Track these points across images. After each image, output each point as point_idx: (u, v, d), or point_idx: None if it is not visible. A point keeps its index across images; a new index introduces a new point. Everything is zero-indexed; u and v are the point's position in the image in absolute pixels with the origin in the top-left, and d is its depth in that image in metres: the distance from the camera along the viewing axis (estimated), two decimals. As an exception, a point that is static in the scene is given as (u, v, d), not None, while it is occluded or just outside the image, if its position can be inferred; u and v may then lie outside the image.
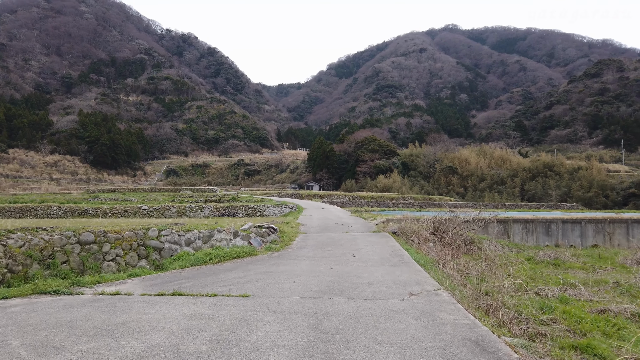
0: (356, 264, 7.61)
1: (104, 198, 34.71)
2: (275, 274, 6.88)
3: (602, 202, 51.27)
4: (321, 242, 10.40)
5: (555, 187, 57.67)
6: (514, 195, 60.40)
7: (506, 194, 60.93)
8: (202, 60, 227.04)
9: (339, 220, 17.43)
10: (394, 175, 72.02)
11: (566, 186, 57.42)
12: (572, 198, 54.00)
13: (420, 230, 11.14)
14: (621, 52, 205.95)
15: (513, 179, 65.46)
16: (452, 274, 6.88)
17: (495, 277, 7.05)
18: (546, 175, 62.86)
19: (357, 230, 13.23)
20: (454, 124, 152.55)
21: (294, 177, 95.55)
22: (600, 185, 54.17)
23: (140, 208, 25.44)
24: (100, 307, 4.92)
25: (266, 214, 24.34)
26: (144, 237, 8.34)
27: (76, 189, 61.69)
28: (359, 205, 33.77)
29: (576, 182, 56.55)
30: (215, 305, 4.93)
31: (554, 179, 60.63)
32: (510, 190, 62.15)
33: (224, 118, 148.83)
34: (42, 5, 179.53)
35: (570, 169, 61.96)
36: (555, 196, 55.90)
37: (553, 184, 58.65)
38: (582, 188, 54.73)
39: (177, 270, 7.37)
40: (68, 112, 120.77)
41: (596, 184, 54.41)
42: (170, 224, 9.66)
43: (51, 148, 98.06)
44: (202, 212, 25.27)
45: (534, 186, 61.49)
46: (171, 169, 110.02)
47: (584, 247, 16.70)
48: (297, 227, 13.64)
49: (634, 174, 67.67)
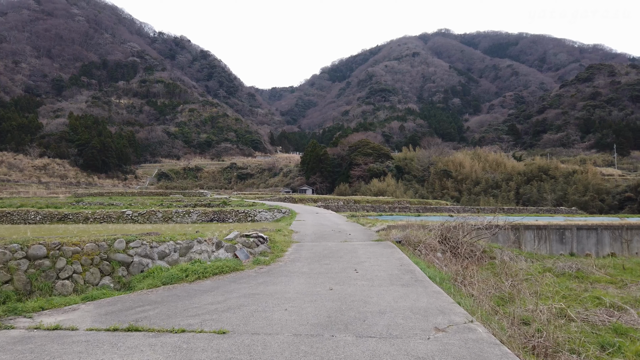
0: (360, 282, 6.37)
1: (89, 202, 33.14)
2: (263, 297, 5.63)
3: (598, 206, 50.60)
4: (317, 254, 9.16)
5: (551, 191, 56.94)
6: (509, 199, 59.59)
7: (501, 198, 60.14)
8: (195, 63, 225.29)
9: (335, 226, 16.20)
10: (388, 179, 71.02)
11: (562, 190, 56.71)
12: (567, 202, 53.28)
13: (427, 238, 9.95)
14: (612, 57, 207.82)
15: (508, 182, 64.71)
16: (477, 295, 5.69)
17: (526, 298, 5.87)
18: (541, 179, 62.18)
19: (357, 238, 12.00)
20: (447, 127, 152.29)
21: (287, 181, 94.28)
22: (596, 189, 53.52)
23: (124, 213, 24.06)
24: (23, 354, 3.65)
25: (257, 219, 23.05)
26: (109, 249, 7.04)
27: (65, 192, 60.07)
28: (355, 210, 32.60)
29: (572, 186, 55.87)
30: (179, 350, 3.68)
31: (549, 182, 59.94)
32: (506, 194, 61.37)
33: (216, 121, 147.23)
34: (32, 8, 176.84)
35: (565, 172, 61.34)
36: (551, 200, 55.18)
37: (548, 188, 57.93)
38: (578, 192, 54.04)
39: (145, 292, 6.09)
40: (58, 115, 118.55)
41: (592, 188, 53.75)
42: (141, 233, 8.35)
43: (40, 151, 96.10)
44: (190, 217, 23.95)
45: (529, 190, 60.76)
46: (163, 173, 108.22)
47: (600, 255, 15.65)
48: (289, 235, 12.37)
49: (628, 178, 67.35)
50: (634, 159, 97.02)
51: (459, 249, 10.31)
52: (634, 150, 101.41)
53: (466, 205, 54.08)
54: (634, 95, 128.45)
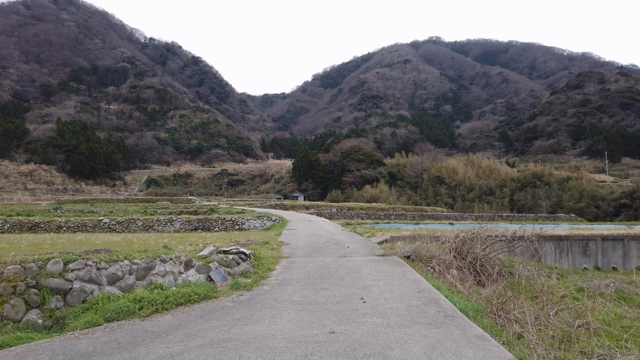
0: (371, 319, 4.78)
1: (68, 209, 31.17)
2: (238, 345, 4.00)
3: (593, 213, 49.67)
4: (312, 274, 7.53)
5: (546, 198, 56.01)
6: (504, 206, 58.58)
7: (496, 205, 59.14)
8: (186, 69, 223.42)
9: (331, 236, 14.67)
10: (380, 185, 69.81)
11: (556, 197, 55.79)
12: (562, 208, 52.30)
13: (440, 253, 8.43)
14: (600, 64, 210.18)
15: (502, 189, 63.81)
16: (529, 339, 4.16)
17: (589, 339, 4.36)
18: (535, 185, 61.35)
19: (357, 252, 10.34)
20: (438, 134, 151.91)
21: (278, 187, 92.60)
22: (591, 196, 52.64)
23: (100, 221, 22.18)
24: None
25: (245, 228, 21.40)
26: (39, 273, 5.36)
27: (50, 199, 58.06)
28: (349, 217, 31.09)
29: (566, 193, 54.96)
30: None
31: (543, 189, 59.08)
32: (500, 201, 60.39)
33: (207, 127, 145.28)
34: (22, 13, 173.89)
35: (560, 179, 60.53)
36: (546, 207, 54.23)
37: (543, 194, 57.03)
38: (573, 198, 53.10)
39: (77, 334, 4.44)
40: (46, 121, 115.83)
41: (587, 195, 52.87)
42: (86, 251, 6.66)
43: (27, 157, 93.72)
44: (172, 226, 22.22)
45: (523, 196, 59.85)
46: (152, 179, 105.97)
47: (627, 269, 14.25)
48: (278, 249, 10.75)
49: (622, 184, 66.78)
50: (624, 166, 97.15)
51: (476, 264, 8.80)
52: (624, 157, 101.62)
53: (461, 212, 52.90)
54: (624, 103, 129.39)
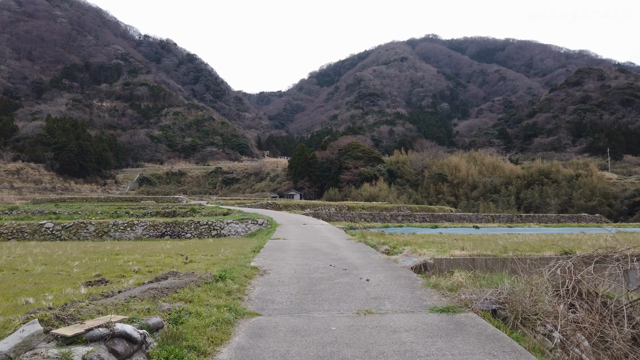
0: None
1: (24, 210, 27.99)
2: None
3: (606, 212, 47.83)
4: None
5: (554, 196, 54.16)
6: (510, 204, 56.70)
7: (502, 203, 57.24)
8: (181, 66, 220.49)
9: (334, 252, 10.72)
10: (379, 183, 67.82)
11: (566, 194, 53.94)
12: (573, 207, 50.48)
13: (545, 299, 4.84)
14: (597, 62, 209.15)
15: (507, 187, 61.95)
16: None
17: None
18: (542, 182, 59.51)
19: (388, 294, 6.09)
20: (436, 132, 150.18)
21: (274, 186, 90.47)
22: (602, 194, 50.84)
23: (42, 226, 19.24)
24: None
25: (225, 233, 18.59)
26: None
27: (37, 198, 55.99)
28: (350, 219, 28.63)
29: (577, 190, 53.10)
30: None
31: (551, 186, 57.20)
32: (506, 199, 58.50)
33: (202, 125, 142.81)
34: (13, 9, 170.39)
35: (568, 176, 58.65)
36: (555, 205, 52.38)
37: (551, 192, 55.17)
38: (584, 196, 51.26)
39: None
40: (36, 118, 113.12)
41: (598, 192, 51.06)
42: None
43: (14, 155, 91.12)
44: (134, 231, 19.06)
45: (530, 194, 57.99)
46: (145, 178, 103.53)
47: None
48: (242, 290, 6.30)
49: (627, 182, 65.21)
50: (626, 163, 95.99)
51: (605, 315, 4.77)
52: (626, 155, 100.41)
53: (465, 211, 51.03)
54: (625, 99, 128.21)
